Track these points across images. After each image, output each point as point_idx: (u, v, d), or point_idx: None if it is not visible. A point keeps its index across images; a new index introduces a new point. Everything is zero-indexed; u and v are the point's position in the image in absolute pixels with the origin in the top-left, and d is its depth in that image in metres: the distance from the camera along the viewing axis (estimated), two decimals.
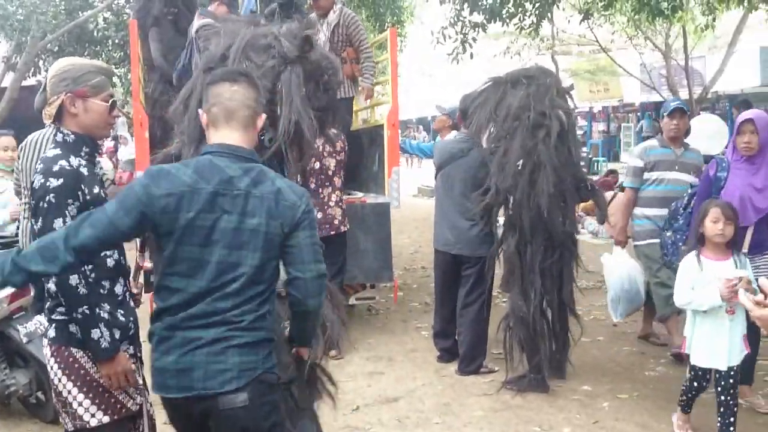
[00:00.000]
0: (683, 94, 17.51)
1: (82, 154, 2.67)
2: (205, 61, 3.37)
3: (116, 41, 13.64)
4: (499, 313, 5.37)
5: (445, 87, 26.85)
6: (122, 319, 2.68)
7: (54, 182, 2.50)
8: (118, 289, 2.72)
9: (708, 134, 6.53)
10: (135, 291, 2.94)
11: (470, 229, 5.35)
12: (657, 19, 11.94)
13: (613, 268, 5.73)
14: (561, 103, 4.98)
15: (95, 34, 14.31)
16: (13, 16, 10.97)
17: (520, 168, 4.76)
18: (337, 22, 6.48)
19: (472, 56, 10.85)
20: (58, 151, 2.62)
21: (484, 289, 5.40)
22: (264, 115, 2.57)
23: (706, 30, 12.97)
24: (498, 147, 4.93)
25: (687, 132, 5.56)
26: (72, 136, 2.67)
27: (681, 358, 4.87)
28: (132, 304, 2.84)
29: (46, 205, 2.50)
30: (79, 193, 2.56)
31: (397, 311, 7.28)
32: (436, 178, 5.78)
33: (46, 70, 14.06)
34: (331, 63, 3.47)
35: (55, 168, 2.54)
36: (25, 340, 3.78)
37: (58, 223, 2.48)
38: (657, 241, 5.18)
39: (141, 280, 3.34)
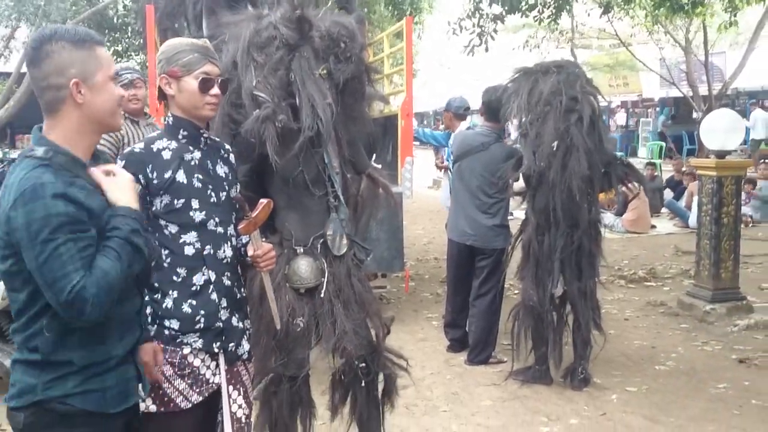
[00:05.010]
0: (703, 89, 17.41)
1: (180, 137, 2.53)
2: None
3: (136, 28, 13.68)
4: (510, 304, 5.37)
5: (463, 79, 26.74)
6: (188, 310, 2.47)
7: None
8: (198, 278, 2.50)
9: (724, 129, 6.46)
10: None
11: (486, 222, 5.37)
12: (677, 14, 11.86)
13: None
14: (591, 89, 4.94)
15: (115, 20, 14.39)
16: (33, 2, 11.06)
17: (554, 149, 4.66)
18: None
19: (487, 49, 10.78)
20: (156, 133, 2.57)
21: (497, 280, 5.42)
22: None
23: (729, 27, 12.86)
24: (528, 132, 4.83)
25: None
26: (171, 118, 2.55)
27: None
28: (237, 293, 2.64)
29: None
30: (140, 175, 2.40)
31: (408, 301, 7.32)
32: (452, 168, 5.78)
33: None
34: (345, 28, 3.22)
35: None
36: None
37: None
38: None
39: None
